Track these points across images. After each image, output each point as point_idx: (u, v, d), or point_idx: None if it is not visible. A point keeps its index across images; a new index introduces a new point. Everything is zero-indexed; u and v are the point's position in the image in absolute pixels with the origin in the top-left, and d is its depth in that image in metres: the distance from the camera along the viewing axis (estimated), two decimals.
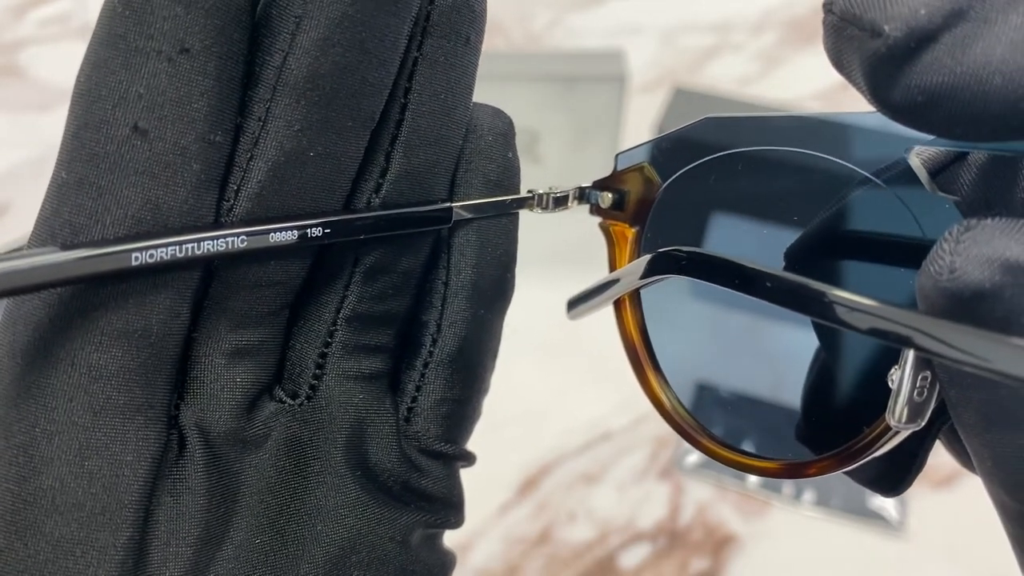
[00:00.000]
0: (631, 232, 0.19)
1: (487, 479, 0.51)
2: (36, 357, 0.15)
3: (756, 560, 0.50)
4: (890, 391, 0.15)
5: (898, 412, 0.15)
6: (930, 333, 0.12)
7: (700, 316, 0.19)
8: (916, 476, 0.16)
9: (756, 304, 0.14)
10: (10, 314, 0.15)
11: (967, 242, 0.12)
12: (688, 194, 0.18)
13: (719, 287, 0.14)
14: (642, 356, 0.19)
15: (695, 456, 0.54)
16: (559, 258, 0.53)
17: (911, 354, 0.14)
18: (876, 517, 0.51)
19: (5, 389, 0.15)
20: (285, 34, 0.15)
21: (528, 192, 0.18)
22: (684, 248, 0.16)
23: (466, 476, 0.19)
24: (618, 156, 0.19)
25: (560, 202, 0.19)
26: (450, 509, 0.19)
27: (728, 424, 0.19)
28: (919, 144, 0.14)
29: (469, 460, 0.19)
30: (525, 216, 0.19)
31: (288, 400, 0.17)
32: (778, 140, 0.15)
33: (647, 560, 0.50)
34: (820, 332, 0.17)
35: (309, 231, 0.16)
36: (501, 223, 0.18)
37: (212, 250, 0.15)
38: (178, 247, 0.15)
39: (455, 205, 0.17)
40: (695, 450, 0.19)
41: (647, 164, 0.18)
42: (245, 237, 0.15)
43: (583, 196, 0.19)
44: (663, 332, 0.19)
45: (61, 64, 0.93)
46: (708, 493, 0.53)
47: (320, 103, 0.15)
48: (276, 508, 0.17)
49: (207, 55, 0.15)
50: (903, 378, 0.14)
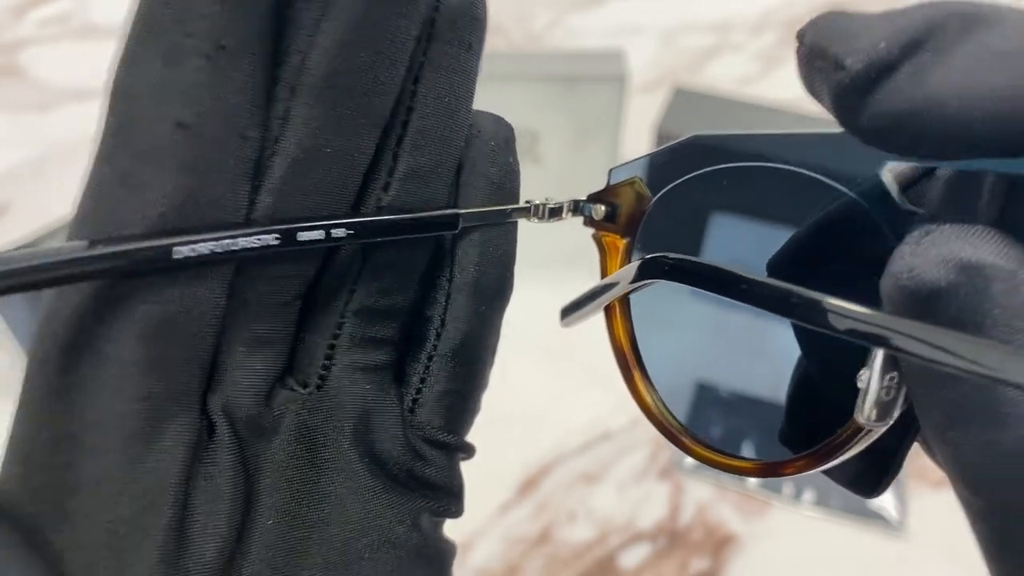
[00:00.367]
0: (622, 243, 0.20)
1: (487, 479, 0.51)
2: (80, 349, 0.15)
3: (756, 560, 0.50)
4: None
5: (867, 411, 0.15)
6: (891, 329, 0.12)
7: (685, 322, 0.20)
8: (893, 477, 0.17)
9: (737, 309, 0.14)
10: (53, 306, 0.16)
11: (925, 244, 0.13)
12: (676, 207, 0.19)
13: (702, 293, 0.15)
14: (630, 360, 0.20)
15: None
16: (559, 260, 0.53)
17: (879, 354, 0.15)
18: (876, 517, 0.51)
19: (50, 381, 0.16)
20: (304, 34, 0.16)
21: (526, 202, 0.19)
22: (671, 255, 0.17)
23: (466, 475, 0.20)
24: (611, 171, 0.20)
25: (555, 213, 0.20)
26: (451, 498, 0.19)
27: (710, 425, 0.19)
28: (892, 161, 0.15)
29: (469, 452, 0.20)
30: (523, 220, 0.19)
31: (299, 389, 0.18)
32: (761, 156, 0.16)
33: (647, 560, 0.50)
34: (796, 334, 0.18)
35: (333, 231, 0.16)
36: (502, 225, 0.19)
37: (248, 246, 0.15)
38: (217, 242, 0.15)
39: (461, 212, 0.18)
40: None
41: (638, 179, 0.19)
42: (279, 235, 0.16)
43: (577, 208, 0.20)
44: (650, 338, 0.20)
45: (61, 64, 0.93)
46: (708, 493, 0.53)
47: (337, 102, 0.16)
48: (288, 492, 0.17)
49: (242, 52, 0.15)
50: (871, 378, 0.15)
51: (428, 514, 0.19)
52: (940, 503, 0.52)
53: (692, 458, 0.19)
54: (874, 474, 0.17)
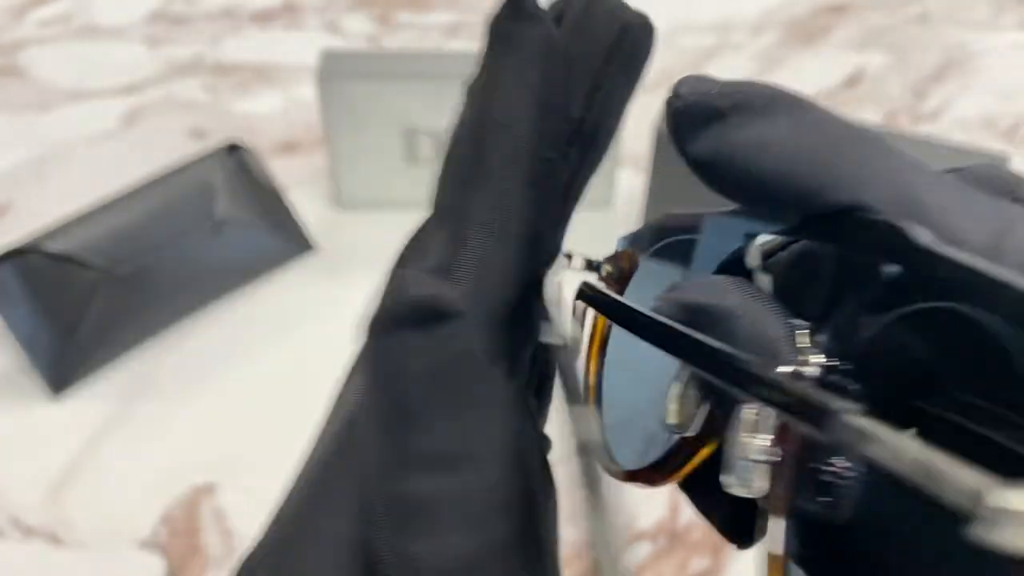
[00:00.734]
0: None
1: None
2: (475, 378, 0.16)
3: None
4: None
5: (670, 418, 0.18)
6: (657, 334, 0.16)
7: (620, 350, 0.23)
8: (759, 534, 0.17)
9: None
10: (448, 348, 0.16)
11: (672, 291, 0.16)
12: (650, 271, 0.22)
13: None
14: (591, 387, 0.23)
15: None
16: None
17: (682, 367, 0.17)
18: None
19: (443, 406, 0.16)
20: (582, 93, 0.19)
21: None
22: (593, 284, 0.20)
23: None
24: (619, 240, 0.23)
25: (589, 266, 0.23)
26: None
27: (614, 437, 0.22)
28: (764, 233, 0.17)
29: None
30: None
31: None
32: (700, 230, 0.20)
33: (647, 559, 0.50)
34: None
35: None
36: None
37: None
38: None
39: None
40: None
41: (629, 248, 0.23)
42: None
43: (591, 265, 0.23)
44: (608, 370, 0.23)
45: (61, 64, 0.93)
46: None
47: (596, 148, 0.19)
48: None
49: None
50: (673, 386, 0.18)
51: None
52: None
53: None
54: (743, 524, 0.19)
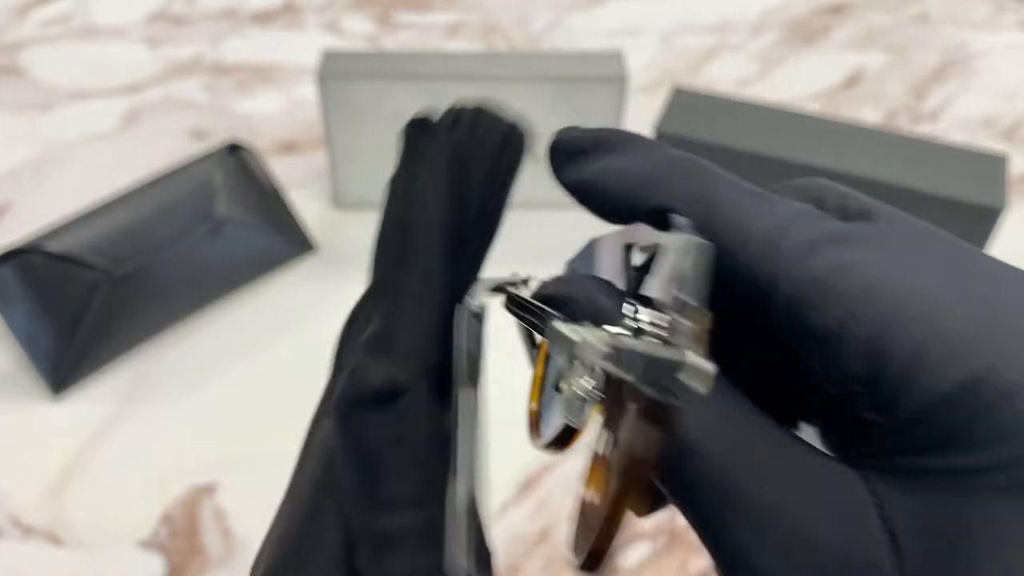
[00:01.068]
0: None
1: (488, 477, 0.51)
2: None
3: None
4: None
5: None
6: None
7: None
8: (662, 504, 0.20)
9: None
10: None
11: (542, 283, 0.22)
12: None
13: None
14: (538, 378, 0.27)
15: None
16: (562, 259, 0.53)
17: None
18: None
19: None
20: (481, 185, 0.25)
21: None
22: (512, 293, 0.24)
23: None
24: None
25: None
26: None
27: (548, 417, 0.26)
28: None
29: None
30: (525, 216, 0.22)
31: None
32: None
33: (647, 559, 0.50)
34: None
35: None
36: None
37: None
38: None
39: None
40: None
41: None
42: None
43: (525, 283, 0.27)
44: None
45: (62, 64, 0.93)
46: None
47: (494, 225, 0.26)
48: None
49: None
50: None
51: None
52: None
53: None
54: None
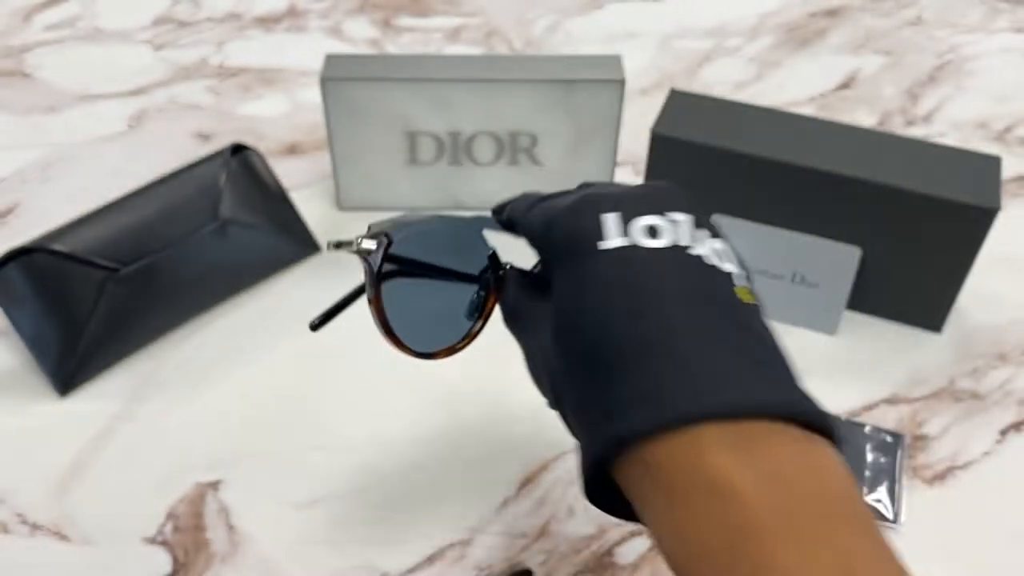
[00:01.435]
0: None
1: (488, 475, 0.52)
2: None
3: None
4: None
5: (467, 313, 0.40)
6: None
7: (411, 290, 0.39)
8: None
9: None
10: None
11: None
12: (399, 248, 0.38)
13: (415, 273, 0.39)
14: (383, 319, 0.38)
15: None
16: None
17: None
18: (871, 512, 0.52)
19: None
20: None
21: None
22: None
23: (467, 472, 0.20)
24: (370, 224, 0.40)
25: (341, 246, 0.39)
26: None
27: (423, 338, 0.39)
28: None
29: None
30: None
31: None
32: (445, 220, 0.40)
33: (645, 554, 0.51)
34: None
35: None
36: None
37: None
38: None
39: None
40: None
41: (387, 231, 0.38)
42: None
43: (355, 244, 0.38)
44: (392, 307, 0.38)
45: (68, 67, 0.93)
46: None
47: None
48: None
49: None
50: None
51: None
52: (935, 499, 0.53)
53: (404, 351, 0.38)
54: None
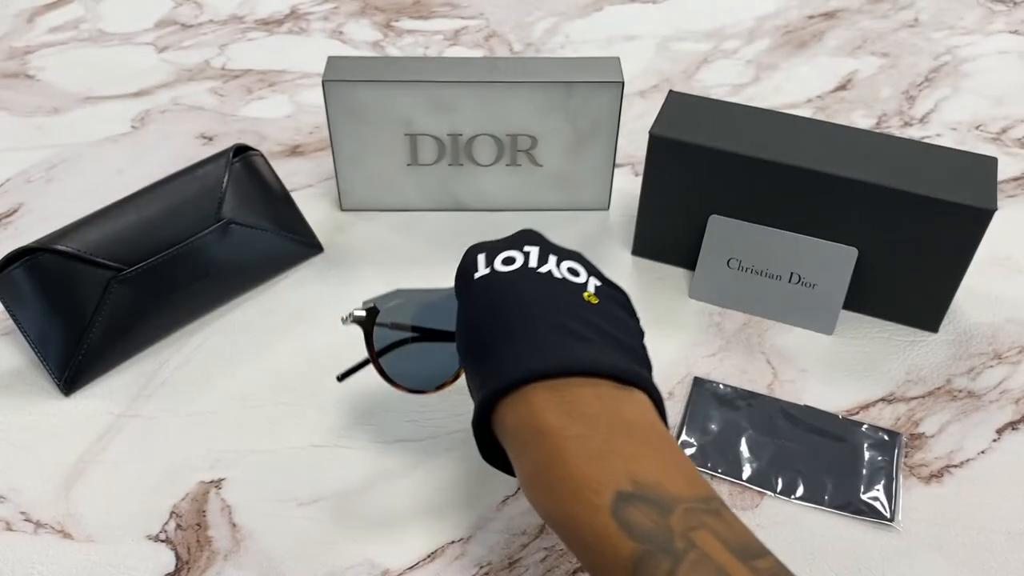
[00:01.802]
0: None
1: (488, 473, 0.52)
2: None
3: None
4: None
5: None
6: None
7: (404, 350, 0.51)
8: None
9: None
10: None
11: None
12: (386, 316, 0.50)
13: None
14: (383, 371, 0.51)
15: (690, 451, 0.55)
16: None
17: None
18: (868, 510, 0.52)
19: None
20: None
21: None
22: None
23: (467, 470, 0.21)
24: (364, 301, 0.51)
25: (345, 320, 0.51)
26: None
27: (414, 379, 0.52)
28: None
29: None
30: (540, 219, 0.23)
31: None
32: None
33: None
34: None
35: None
36: None
37: None
38: None
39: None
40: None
41: (376, 306, 0.50)
42: None
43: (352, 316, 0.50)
44: (390, 360, 0.51)
45: (71, 69, 0.94)
46: None
47: None
48: None
49: None
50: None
51: None
52: (929, 497, 0.53)
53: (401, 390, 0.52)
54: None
